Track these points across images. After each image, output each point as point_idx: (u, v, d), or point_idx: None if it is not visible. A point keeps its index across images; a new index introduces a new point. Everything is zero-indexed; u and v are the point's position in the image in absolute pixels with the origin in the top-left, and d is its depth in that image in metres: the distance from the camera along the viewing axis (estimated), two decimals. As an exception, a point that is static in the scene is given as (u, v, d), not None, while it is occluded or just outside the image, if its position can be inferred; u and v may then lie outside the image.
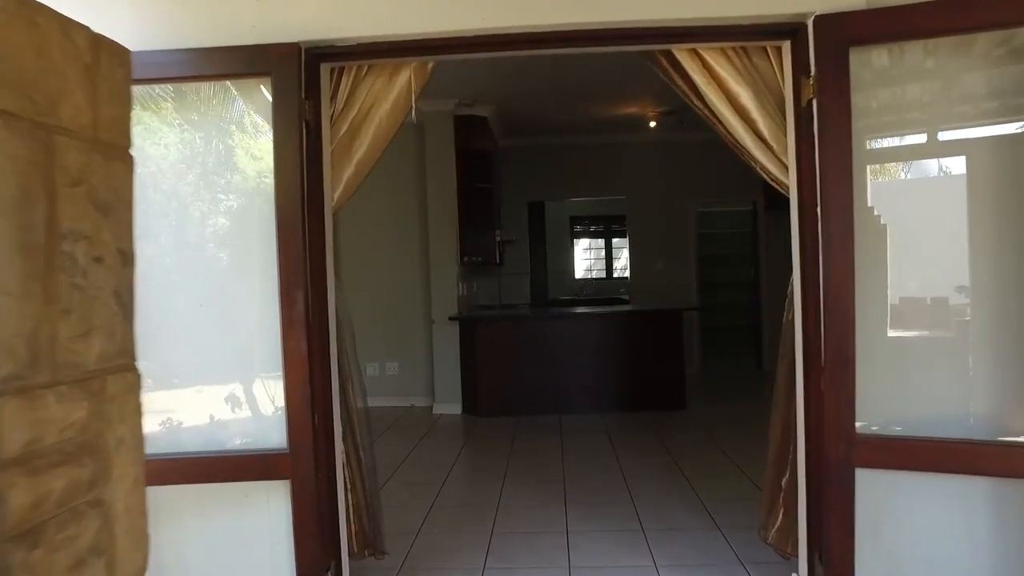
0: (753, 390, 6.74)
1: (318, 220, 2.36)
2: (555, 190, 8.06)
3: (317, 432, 2.24)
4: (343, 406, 2.65)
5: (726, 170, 8.03)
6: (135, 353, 1.05)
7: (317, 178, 2.35)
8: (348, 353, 2.63)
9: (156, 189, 2.29)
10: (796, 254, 2.36)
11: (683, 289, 7.92)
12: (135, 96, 1.12)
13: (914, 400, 2.18)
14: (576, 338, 5.94)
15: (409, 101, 2.55)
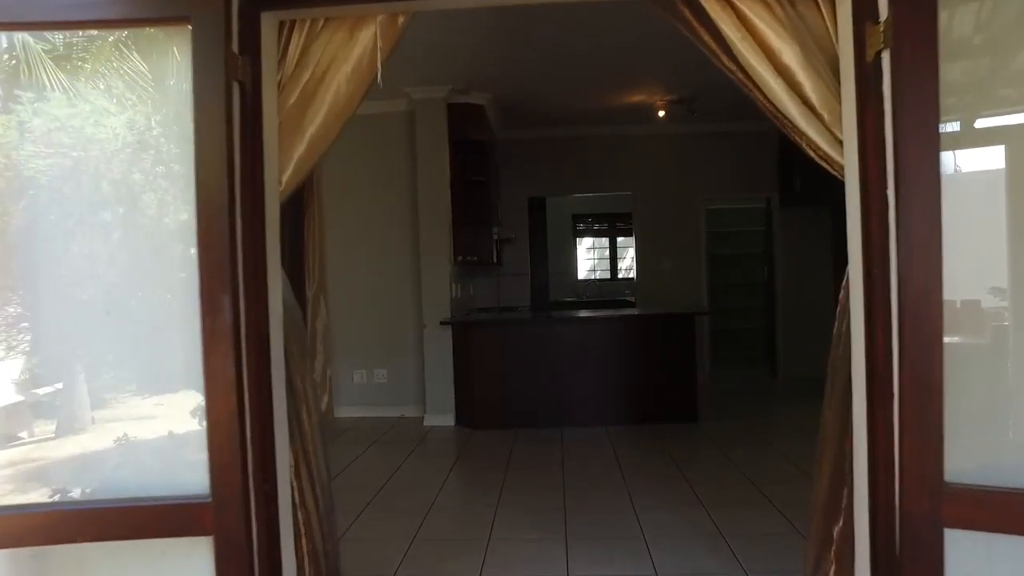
0: (769, 401, 6.26)
1: (257, 207, 1.89)
2: (557, 185, 7.60)
3: (253, 473, 1.77)
4: (296, 435, 2.19)
5: (738, 164, 7.60)
6: None
7: (256, 155, 1.89)
8: (299, 370, 2.17)
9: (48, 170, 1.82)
10: (855, 250, 1.89)
11: (692, 291, 7.44)
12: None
13: (1013, 436, 1.70)
14: (579, 344, 5.47)
15: (375, 64, 2.08)
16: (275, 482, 1.91)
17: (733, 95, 6.07)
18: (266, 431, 1.88)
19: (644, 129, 7.41)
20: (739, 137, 7.44)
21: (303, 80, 2.05)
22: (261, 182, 1.91)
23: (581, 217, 9.70)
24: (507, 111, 6.69)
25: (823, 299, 7.62)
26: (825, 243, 7.34)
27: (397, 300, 6.07)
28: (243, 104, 1.83)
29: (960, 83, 1.72)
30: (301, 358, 2.20)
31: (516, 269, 7.59)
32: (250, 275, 1.83)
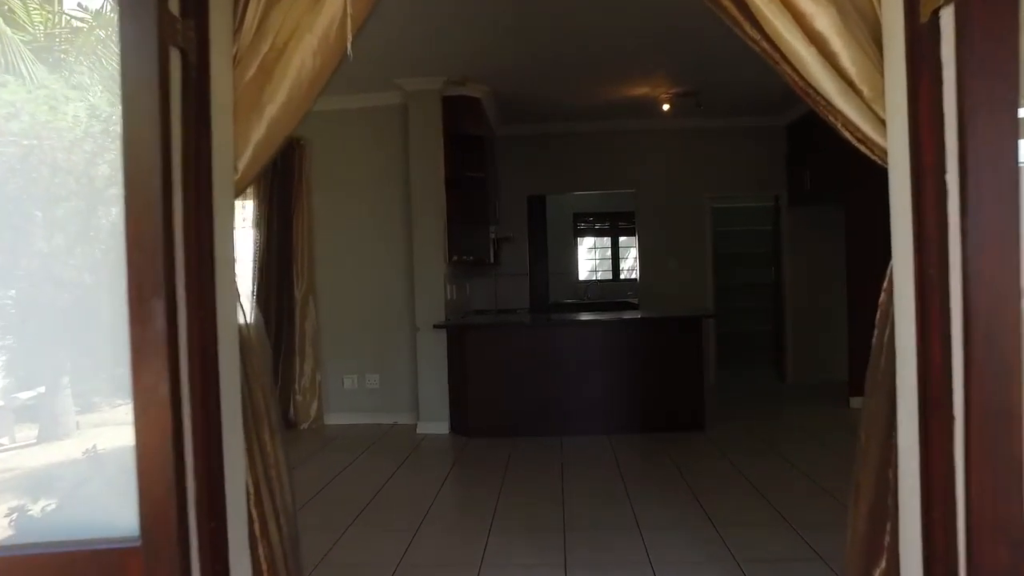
0: (779, 407, 5.99)
1: (203, 198, 1.62)
2: (557, 183, 7.33)
3: (196, 508, 1.51)
4: (257, 458, 1.91)
5: (746, 161, 7.32)
6: None
7: (202, 136, 1.62)
8: (261, 385, 1.90)
9: None
10: (903, 247, 1.62)
11: (697, 292, 7.17)
12: None
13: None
14: (580, 349, 5.19)
15: (344, 35, 1.81)
16: (224, 518, 1.63)
17: (741, 88, 5.79)
18: (213, 458, 1.60)
19: (648, 124, 7.13)
20: (746, 132, 7.17)
21: (262, 52, 1.79)
22: (208, 168, 1.64)
23: (582, 216, 9.43)
24: (506, 105, 6.42)
25: (835, 301, 7.28)
26: (836, 243, 7.05)
27: (390, 302, 5.81)
28: (186, 76, 1.56)
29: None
30: (263, 372, 1.92)
31: (515, 269, 7.32)
32: (193, 277, 1.55)
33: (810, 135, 6.52)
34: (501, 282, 7.30)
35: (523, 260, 7.33)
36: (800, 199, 6.89)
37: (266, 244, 5.75)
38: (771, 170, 7.15)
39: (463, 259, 5.67)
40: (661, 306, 7.10)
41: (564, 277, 9.26)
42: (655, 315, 5.32)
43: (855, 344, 5.83)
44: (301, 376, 5.78)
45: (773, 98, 6.50)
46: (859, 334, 5.77)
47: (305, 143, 5.80)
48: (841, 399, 6.11)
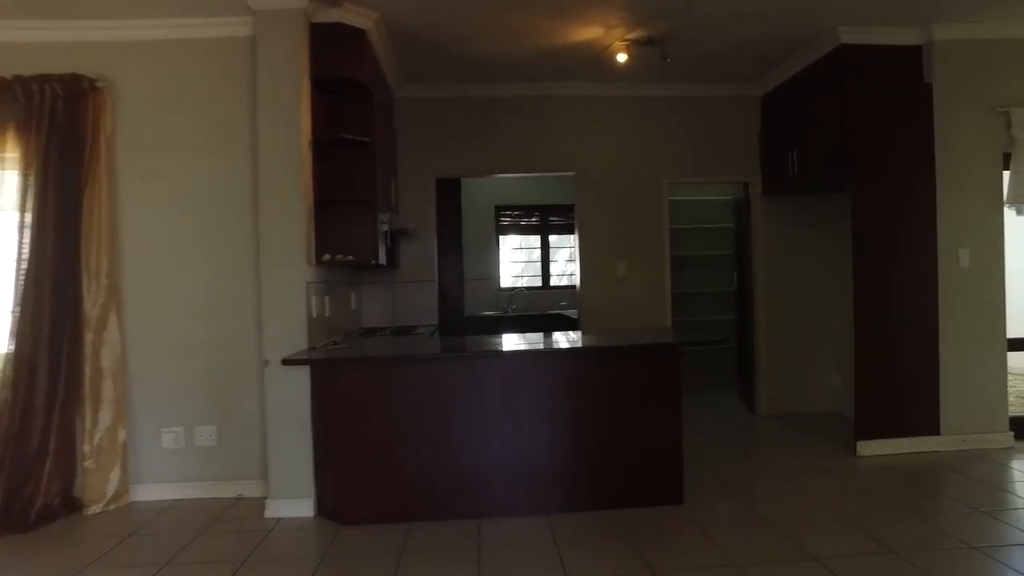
0: (766, 458, 4.55)
1: None
2: (474, 163, 5.68)
3: None
4: None
5: (713, 141, 5.83)
6: None
7: None
8: None
9: None
10: None
11: (653, 304, 5.69)
12: None
13: None
14: (507, 390, 3.55)
15: None
16: None
17: (714, 41, 4.26)
18: None
19: (593, 89, 5.61)
20: (716, 104, 5.77)
21: None
22: None
23: (506, 208, 7.82)
24: (406, 53, 4.72)
25: (819, 314, 5.76)
26: (824, 242, 5.76)
27: (231, 320, 3.98)
28: None
29: None
30: None
31: (419, 274, 5.62)
32: None
33: (796, 105, 5.16)
34: (400, 291, 5.58)
35: (430, 262, 5.64)
36: (778, 187, 5.53)
37: (38, 235, 3.82)
38: (742, 152, 5.78)
39: (337, 259, 3.92)
40: (606, 321, 5.58)
41: (483, 284, 7.63)
42: (613, 343, 3.75)
43: (865, 373, 4.47)
44: (93, 431, 3.86)
45: (749, 59, 5.10)
46: (870, 360, 4.41)
47: (104, 86, 3.90)
48: (843, 443, 4.76)
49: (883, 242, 4.50)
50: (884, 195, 4.49)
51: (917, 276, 4.52)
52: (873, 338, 4.47)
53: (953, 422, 4.54)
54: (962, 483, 3.88)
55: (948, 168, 4.53)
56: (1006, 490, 3.78)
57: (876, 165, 4.48)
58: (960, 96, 4.55)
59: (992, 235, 4.59)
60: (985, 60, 4.57)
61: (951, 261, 4.54)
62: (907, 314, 4.50)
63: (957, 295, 4.54)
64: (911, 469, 4.17)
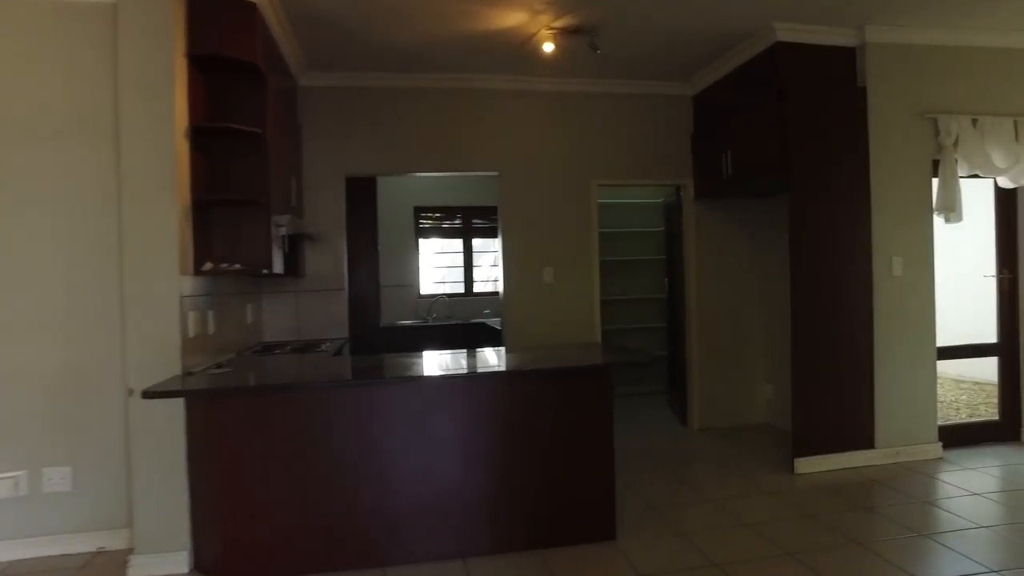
0: (701, 478, 4.25)
1: None
2: (390, 161, 5.17)
3: None
4: None
5: (645, 140, 5.56)
6: None
7: None
8: None
9: None
10: None
11: (581, 313, 5.35)
12: None
13: None
14: (417, 419, 3.09)
15: None
16: None
17: (651, 34, 3.87)
18: None
19: (518, 83, 5.23)
20: (648, 103, 5.50)
21: None
22: None
23: (426, 210, 7.34)
24: (307, 34, 4.19)
25: (754, 323, 5.57)
26: (760, 246, 5.59)
27: (93, 341, 3.35)
28: None
29: None
30: None
31: (327, 283, 5.07)
32: None
33: (730, 105, 4.94)
34: (306, 301, 5.02)
35: (339, 269, 5.10)
36: (712, 190, 5.31)
37: None
38: (675, 154, 5.53)
39: (221, 269, 3.35)
40: (531, 329, 5.21)
41: (402, 291, 7.12)
42: (536, 365, 3.34)
43: (802, 389, 4.27)
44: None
45: (682, 55, 4.84)
46: (808, 375, 4.21)
47: (-74, 58, 3.20)
48: (779, 460, 4.55)
49: (820, 250, 4.31)
50: (821, 200, 4.31)
51: (854, 285, 4.36)
52: (810, 352, 4.27)
53: (887, 435, 4.41)
54: (899, 502, 3.72)
55: (881, 174, 4.40)
56: (941, 507, 3.64)
57: (813, 168, 4.29)
58: (892, 101, 4.42)
59: (923, 244, 4.49)
60: (915, 65, 4.47)
61: (885, 270, 4.41)
62: (844, 325, 4.34)
63: (891, 305, 4.41)
64: (848, 487, 3.99)
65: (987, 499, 3.76)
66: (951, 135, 4.47)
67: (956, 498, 3.78)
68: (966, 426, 4.97)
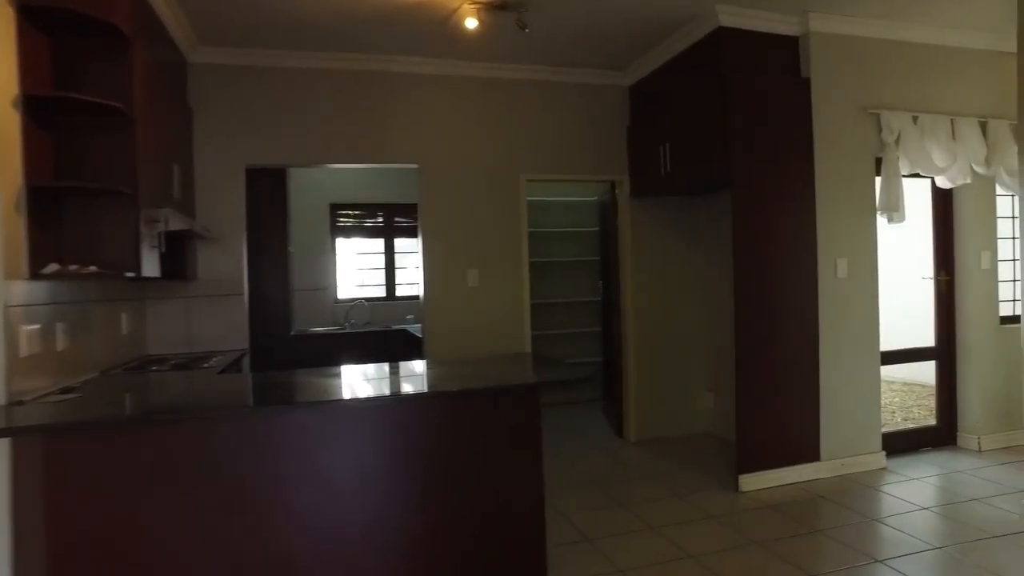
0: (638, 497, 3.89)
1: None
2: (295, 149, 4.61)
3: None
4: None
5: (577, 132, 5.18)
6: None
7: None
8: None
9: None
10: None
11: (510, 315, 4.93)
12: None
13: None
14: (316, 453, 2.57)
15: None
16: None
17: (582, 16, 3.53)
18: None
19: (442, 67, 4.77)
20: (582, 91, 5.13)
21: None
22: None
23: (344, 207, 6.77)
24: None
25: (694, 327, 5.24)
26: (701, 247, 5.31)
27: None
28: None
29: None
30: None
31: (223, 287, 4.47)
32: None
33: (669, 96, 4.62)
34: (199, 307, 4.41)
35: (237, 271, 4.50)
36: (649, 187, 4.99)
37: None
38: (610, 148, 5.19)
39: (70, 270, 2.74)
40: (456, 339, 4.75)
41: (317, 295, 6.53)
42: (455, 385, 2.85)
43: (747, 401, 3.97)
44: None
45: (618, 40, 4.49)
46: (752, 387, 3.92)
47: None
48: (722, 475, 4.25)
49: (764, 250, 4.03)
50: (765, 197, 4.03)
51: (799, 288, 4.10)
52: (754, 360, 3.98)
53: (832, 446, 4.18)
54: (850, 522, 3.47)
55: (826, 171, 4.17)
56: (892, 527, 3.40)
57: (757, 164, 4.00)
58: (836, 94, 4.20)
59: (867, 245, 4.29)
60: (859, 58, 4.27)
61: (830, 271, 4.17)
62: (789, 330, 4.07)
63: (836, 308, 4.18)
64: (796, 506, 3.71)
65: (935, 514, 3.56)
66: (893, 132, 4.29)
67: (906, 514, 3.56)
68: (906, 433, 4.82)
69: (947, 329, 4.82)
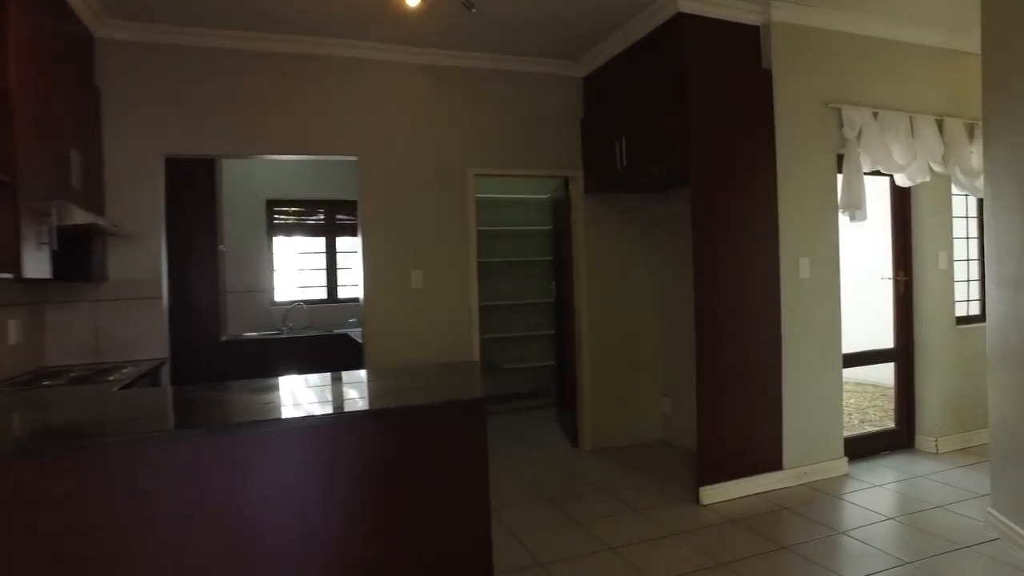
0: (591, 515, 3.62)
1: None
2: (222, 138, 4.19)
3: None
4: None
5: (528, 125, 4.92)
6: None
7: None
8: None
9: None
10: None
11: (457, 319, 4.62)
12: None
13: None
14: (221, 481, 2.21)
15: None
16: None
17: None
18: None
19: (384, 52, 4.43)
20: (534, 82, 4.86)
21: None
22: None
23: (282, 203, 6.34)
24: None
25: (652, 330, 5.00)
26: (654, 247, 5.10)
27: None
28: None
29: None
30: None
31: (137, 289, 4.02)
32: None
33: (626, 87, 4.38)
34: (109, 312, 3.96)
35: (155, 272, 4.06)
36: (605, 183, 4.75)
37: None
38: (563, 142, 4.93)
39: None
40: (399, 344, 4.42)
41: (252, 298, 6.08)
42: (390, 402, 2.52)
43: (709, 411, 3.76)
44: None
45: (572, 28, 4.24)
46: (714, 395, 3.70)
47: None
48: (682, 487, 4.03)
49: (726, 249, 3.83)
50: (726, 194, 3.82)
51: (761, 288, 3.91)
52: (716, 368, 3.77)
53: (795, 454, 4.01)
54: (817, 536, 3.28)
55: (788, 167, 3.99)
56: (860, 540, 3.23)
57: (718, 158, 3.79)
58: (798, 87, 4.03)
59: (829, 244, 4.14)
60: (821, 51, 4.11)
61: (792, 271, 4.00)
62: (752, 334, 3.88)
63: (798, 310, 4.01)
64: (760, 520, 3.51)
65: (902, 524, 3.41)
66: (854, 127, 4.14)
67: (873, 526, 3.39)
68: (866, 437, 4.70)
69: (906, 330, 4.72)
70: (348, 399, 2.56)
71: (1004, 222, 3.12)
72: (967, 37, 4.53)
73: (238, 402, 2.45)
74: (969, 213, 4.99)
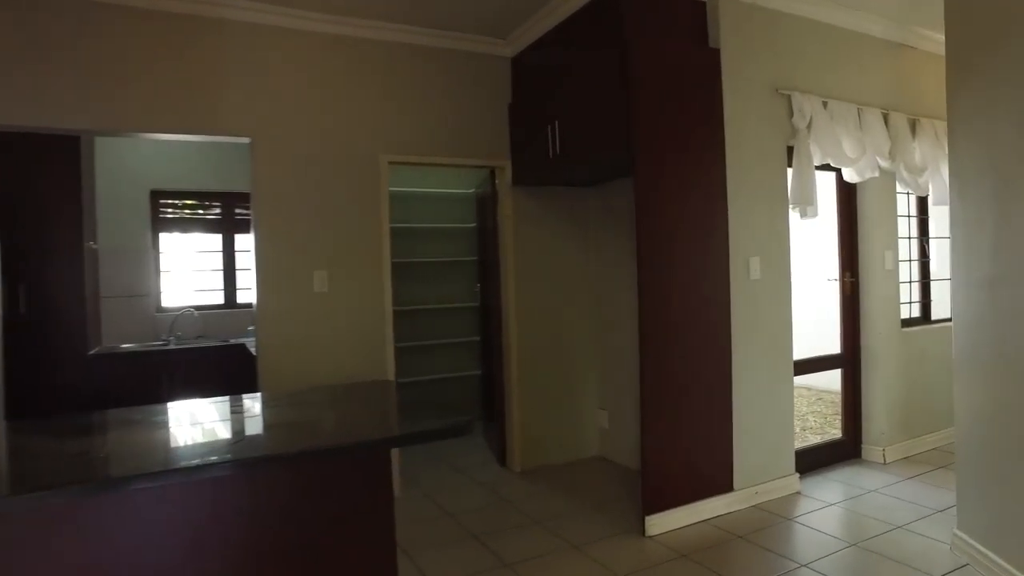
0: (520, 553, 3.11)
1: None
2: (83, 110, 3.45)
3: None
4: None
5: (452, 109, 4.42)
6: None
7: None
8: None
9: None
10: None
11: (368, 326, 4.04)
12: None
13: None
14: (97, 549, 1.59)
15: None
16: None
17: None
18: None
19: (284, 17, 3.80)
20: (457, 60, 4.33)
21: None
22: None
23: (170, 195, 5.54)
24: None
25: (585, 338, 4.57)
26: (589, 245, 4.66)
27: None
28: None
29: None
30: None
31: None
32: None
33: (560, 66, 3.91)
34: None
35: None
36: (535, 174, 4.27)
37: None
38: (489, 128, 4.43)
39: None
40: (299, 356, 3.80)
41: (133, 304, 5.27)
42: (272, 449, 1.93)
43: (653, 422, 3.33)
44: None
45: None
46: (657, 403, 3.28)
47: None
48: (627, 515, 3.58)
49: (672, 248, 3.41)
50: (672, 186, 3.41)
51: (710, 292, 3.52)
52: (662, 382, 3.34)
53: (746, 473, 3.64)
54: (774, 569, 2.91)
55: (737, 158, 3.62)
56: (818, 571, 2.87)
57: (663, 146, 3.37)
58: (747, 70, 3.67)
59: (780, 242, 3.80)
60: (771, 32, 3.78)
61: (743, 272, 3.63)
62: (700, 342, 3.48)
63: (748, 314, 3.65)
64: (711, 552, 3.11)
65: (865, 551, 3.08)
66: (805, 117, 3.83)
67: (835, 554, 3.05)
68: (814, 449, 4.41)
69: (852, 334, 4.46)
70: (198, 444, 1.95)
71: (973, 215, 2.83)
72: (911, 30, 4.34)
73: (59, 451, 1.81)
74: (911, 212, 4.81)
